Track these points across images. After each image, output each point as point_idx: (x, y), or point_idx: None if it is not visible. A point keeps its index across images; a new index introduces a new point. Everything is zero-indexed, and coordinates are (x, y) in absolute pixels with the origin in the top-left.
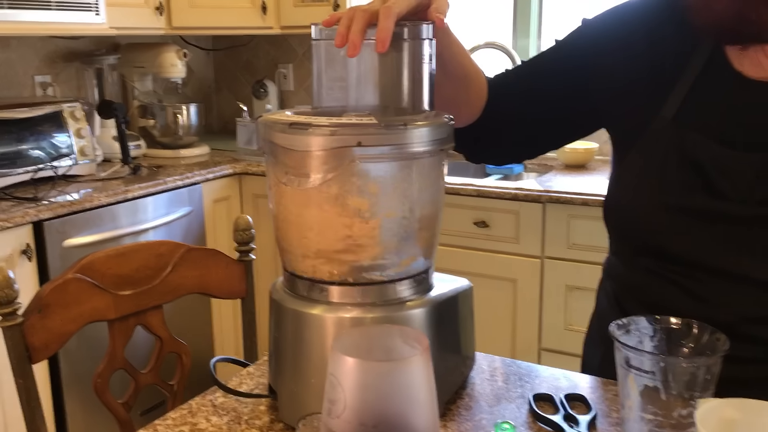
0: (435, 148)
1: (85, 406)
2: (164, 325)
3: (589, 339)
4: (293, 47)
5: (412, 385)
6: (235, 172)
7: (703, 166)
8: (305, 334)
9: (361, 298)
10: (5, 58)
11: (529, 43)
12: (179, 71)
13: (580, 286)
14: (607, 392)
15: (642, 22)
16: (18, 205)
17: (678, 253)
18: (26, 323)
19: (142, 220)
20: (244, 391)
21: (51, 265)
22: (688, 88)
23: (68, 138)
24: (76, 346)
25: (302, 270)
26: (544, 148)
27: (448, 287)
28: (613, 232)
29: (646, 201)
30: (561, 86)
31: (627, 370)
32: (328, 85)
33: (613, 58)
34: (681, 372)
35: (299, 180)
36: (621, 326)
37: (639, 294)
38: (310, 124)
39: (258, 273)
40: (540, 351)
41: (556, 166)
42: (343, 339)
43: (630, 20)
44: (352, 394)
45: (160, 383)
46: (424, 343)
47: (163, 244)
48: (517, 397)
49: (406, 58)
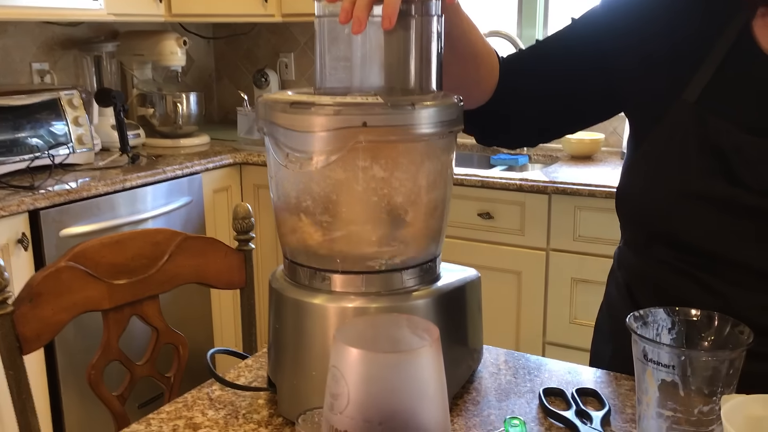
0: (444, 130)
1: (82, 397)
2: (160, 316)
3: (597, 332)
4: (295, 36)
5: (421, 379)
6: (236, 162)
7: (726, 154)
8: (306, 325)
9: (365, 287)
10: (2, 44)
11: (534, 33)
12: (179, 59)
13: (585, 279)
14: (620, 387)
15: (662, 1)
16: (14, 193)
17: (695, 244)
18: (17, 313)
19: (141, 209)
20: (242, 384)
21: (47, 254)
22: (712, 71)
23: (65, 126)
24: (73, 335)
25: (303, 257)
26: (557, 132)
27: (455, 277)
28: (625, 220)
29: (664, 189)
30: (577, 67)
31: (644, 364)
32: (332, 65)
33: (632, 38)
34: (702, 366)
35: (301, 162)
36: (638, 318)
37: (652, 285)
38: (313, 103)
39: (258, 264)
40: (545, 344)
41: (562, 157)
42: (346, 328)
43: (653, 11)
44: (356, 387)
45: (156, 375)
46: (434, 333)
47: (160, 232)
48: (526, 391)
49: (413, 36)
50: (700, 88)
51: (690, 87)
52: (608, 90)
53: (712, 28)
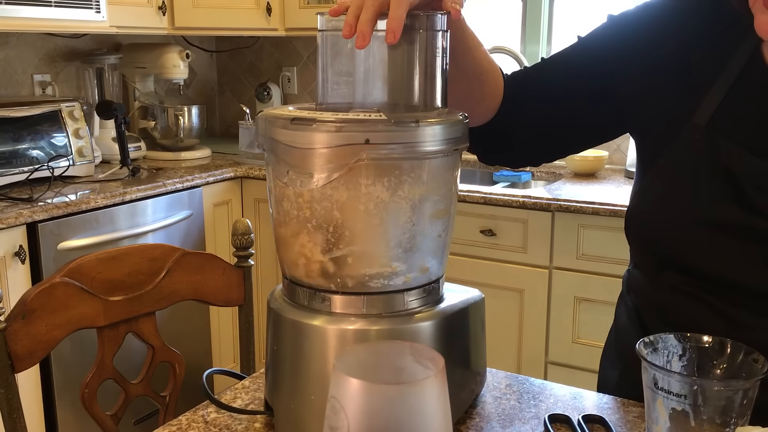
0: (448, 148)
1: (77, 413)
2: (157, 333)
3: (605, 356)
4: (298, 50)
5: (425, 412)
6: (236, 176)
7: (738, 179)
8: (305, 347)
9: (366, 308)
10: (4, 56)
11: (538, 49)
12: (181, 72)
13: (589, 298)
14: (627, 414)
15: (671, 21)
16: (12, 205)
17: (707, 270)
18: (9, 329)
19: (141, 223)
20: (239, 406)
21: (45, 267)
22: (723, 94)
23: (66, 138)
24: (69, 350)
25: (303, 277)
26: (561, 152)
27: (458, 298)
28: (635, 245)
29: (675, 214)
30: (583, 88)
31: (655, 393)
32: (334, 80)
33: (641, 59)
34: (715, 396)
35: (301, 180)
36: (648, 344)
37: (663, 312)
38: (315, 120)
39: (258, 280)
40: (547, 364)
41: (565, 174)
42: (346, 357)
43: (658, 19)
44: (357, 420)
45: (152, 394)
46: (439, 363)
47: (158, 247)
48: (531, 417)
49: (418, 52)
50: (710, 111)
51: (700, 110)
52: (615, 111)
53: (723, 52)
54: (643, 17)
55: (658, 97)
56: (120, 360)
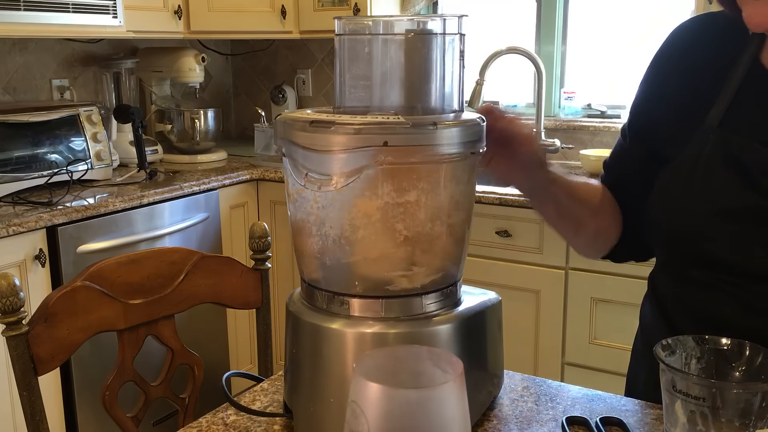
0: (466, 150)
1: (98, 414)
2: (176, 336)
3: (633, 356)
4: (312, 52)
5: (444, 416)
6: (252, 178)
7: (749, 168)
8: (324, 350)
9: (384, 311)
10: (23, 61)
11: (553, 49)
12: (197, 76)
13: (605, 299)
14: (646, 416)
15: (676, 64)
16: (32, 209)
17: (730, 263)
18: (31, 333)
19: (158, 225)
20: (258, 408)
21: (64, 271)
22: (730, 98)
23: (84, 142)
24: (89, 352)
25: (321, 280)
26: None
27: (476, 301)
28: (658, 243)
29: (693, 208)
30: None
31: (673, 395)
32: (351, 84)
33: (663, 107)
34: (734, 399)
35: (320, 182)
36: (666, 346)
37: (690, 308)
38: (333, 122)
39: (275, 281)
40: (563, 365)
41: (581, 174)
42: (366, 361)
43: (666, 70)
44: (377, 424)
45: (171, 396)
46: (458, 368)
47: (176, 251)
48: (549, 419)
49: (434, 54)
50: (720, 113)
51: (711, 114)
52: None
53: (726, 61)
54: (655, 78)
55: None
56: (140, 362)
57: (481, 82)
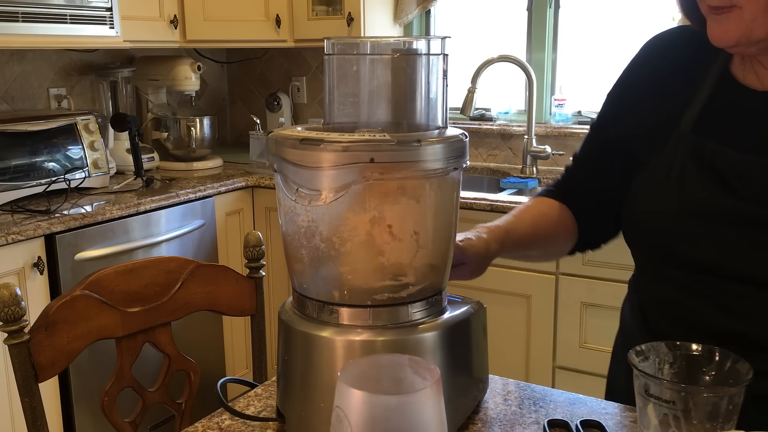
0: (450, 166)
1: (95, 420)
2: (172, 343)
3: (613, 358)
4: (307, 60)
5: (422, 420)
6: (248, 185)
7: (722, 171)
8: (314, 357)
9: (372, 320)
10: (21, 70)
11: (544, 56)
12: (193, 84)
13: (595, 304)
14: (624, 419)
15: (648, 74)
16: (30, 217)
17: (705, 262)
18: (33, 341)
19: (155, 233)
20: (252, 413)
21: (62, 278)
22: (701, 105)
23: (81, 150)
24: (87, 359)
25: (311, 290)
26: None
27: (460, 308)
28: (635, 247)
29: (668, 209)
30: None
31: (646, 399)
32: (340, 101)
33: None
34: (703, 402)
35: (310, 197)
36: (639, 353)
37: (668, 309)
38: (322, 140)
39: (270, 288)
40: (554, 369)
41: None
42: (350, 369)
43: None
44: (360, 428)
45: (168, 402)
46: (435, 374)
47: (173, 260)
48: (531, 422)
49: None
50: (692, 120)
51: (684, 121)
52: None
53: (699, 70)
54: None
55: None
56: (137, 369)
57: (473, 90)
